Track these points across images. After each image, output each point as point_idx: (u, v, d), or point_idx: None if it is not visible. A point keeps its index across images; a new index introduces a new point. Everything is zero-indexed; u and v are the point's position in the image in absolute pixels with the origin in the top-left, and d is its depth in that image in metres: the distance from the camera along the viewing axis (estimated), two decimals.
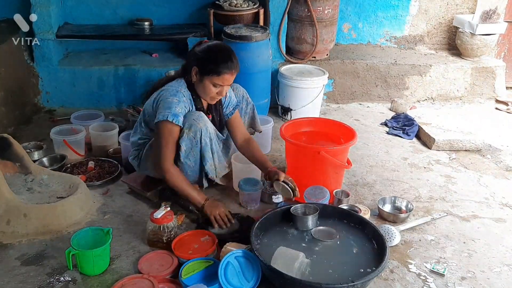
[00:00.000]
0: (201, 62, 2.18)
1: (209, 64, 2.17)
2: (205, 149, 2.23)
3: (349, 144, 2.48)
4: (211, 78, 2.17)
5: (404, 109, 3.70)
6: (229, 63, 2.17)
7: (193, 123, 2.18)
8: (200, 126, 2.18)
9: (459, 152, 3.15)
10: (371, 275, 1.78)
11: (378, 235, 2.02)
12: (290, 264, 1.81)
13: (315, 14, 3.55)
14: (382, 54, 4.03)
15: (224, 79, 2.18)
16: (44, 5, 3.40)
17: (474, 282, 2.01)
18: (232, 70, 2.18)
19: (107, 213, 2.37)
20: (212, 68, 2.16)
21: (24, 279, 1.92)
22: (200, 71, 2.19)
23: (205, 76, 2.19)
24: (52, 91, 3.58)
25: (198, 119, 2.19)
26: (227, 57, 2.17)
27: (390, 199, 2.51)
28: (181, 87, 2.24)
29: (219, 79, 2.17)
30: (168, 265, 1.97)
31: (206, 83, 2.20)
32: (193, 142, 2.20)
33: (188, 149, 2.22)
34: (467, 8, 4.18)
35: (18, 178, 2.42)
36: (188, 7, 3.91)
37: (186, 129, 2.18)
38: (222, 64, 2.15)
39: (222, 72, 2.16)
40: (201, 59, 2.19)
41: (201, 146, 2.22)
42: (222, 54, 2.19)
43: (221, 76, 2.16)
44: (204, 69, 2.18)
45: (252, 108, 2.65)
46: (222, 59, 2.16)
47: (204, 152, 2.23)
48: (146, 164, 2.39)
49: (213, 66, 2.16)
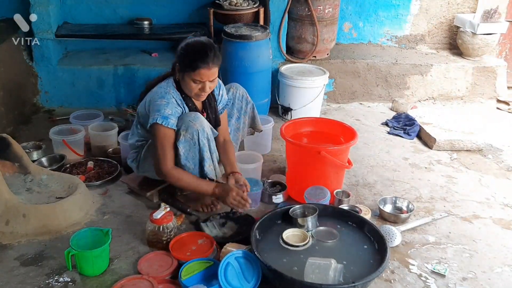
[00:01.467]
0: (180, 58, 2.15)
1: (186, 59, 2.12)
2: (203, 149, 2.21)
3: (350, 144, 2.47)
4: (189, 74, 2.12)
5: (405, 109, 3.69)
6: (204, 58, 2.08)
7: (189, 124, 2.15)
8: (196, 127, 2.15)
9: (460, 152, 3.14)
10: (371, 275, 1.78)
11: (378, 236, 2.01)
12: (324, 275, 1.77)
13: (315, 13, 3.54)
14: (383, 54, 4.01)
15: (201, 74, 2.10)
16: (44, 4, 3.39)
17: (475, 282, 2.00)
18: (209, 64, 2.09)
19: (107, 213, 2.37)
20: (188, 64, 2.11)
21: (23, 280, 1.91)
22: (180, 68, 2.16)
23: (185, 73, 2.15)
24: (51, 90, 3.57)
25: (194, 120, 2.16)
26: (201, 51, 2.10)
27: (391, 199, 2.50)
28: (169, 88, 2.21)
29: (195, 74, 2.11)
30: (168, 265, 1.96)
31: (186, 80, 2.16)
32: (190, 144, 2.18)
33: (187, 151, 2.20)
34: (468, 8, 4.16)
35: (17, 178, 2.41)
36: (188, 6, 3.90)
37: (182, 131, 2.15)
38: (197, 59, 2.09)
39: (197, 66, 2.09)
40: (180, 56, 2.15)
41: (199, 147, 2.20)
42: (197, 48, 2.11)
43: (197, 71, 2.10)
44: (183, 65, 2.14)
45: (252, 107, 2.64)
46: (196, 53, 2.10)
47: (202, 153, 2.21)
48: (145, 166, 2.38)
49: (189, 62, 2.11)
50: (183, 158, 2.20)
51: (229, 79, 3.08)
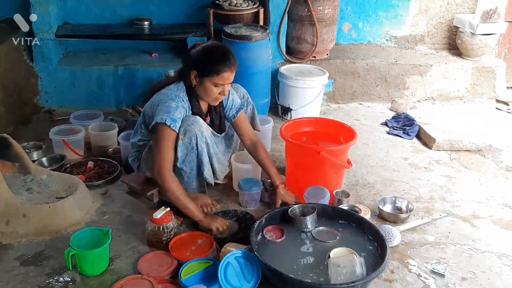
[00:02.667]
0: (199, 64, 2.17)
1: (207, 65, 2.15)
2: (201, 154, 2.21)
3: (349, 144, 2.47)
4: (211, 78, 2.16)
5: (404, 109, 3.69)
6: (227, 61, 2.15)
7: (188, 128, 2.15)
8: (195, 131, 2.15)
9: (460, 152, 3.15)
10: (371, 275, 1.78)
11: (378, 236, 2.01)
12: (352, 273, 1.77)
13: (315, 13, 3.54)
14: (383, 54, 4.02)
15: (224, 77, 2.16)
16: (44, 5, 3.40)
17: (475, 282, 2.00)
18: (231, 68, 2.16)
19: (107, 213, 2.37)
20: (211, 68, 2.14)
21: (23, 280, 1.91)
22: (199, 73, 2.17)
23: (205, 78, 2.17)
24: (52, 91, 3.57)
25: (193, 124, 2.16)
26: (224, 55, 2.16)
27: (391, 199, 2.50)
28: (180, 92, 2.22)
29: (219, 78, 2.15)
30: (168, 265, 1.96)
31: (207, 85, 2.18)
32: (188, 148, 2.18)
33: (184, 155, 2.19)
34: (467, 8, 4.17)
35: (17, 178, 2.41)
36: (187, 6, 3.91)
37: (181, 134, 2.15)
38: (220, 63, 2.14)
39: (221, 70, 2.14)
40: (198, 61, 2.17)
41: (197, 152, 2.20)
42: (219, 53, 2.17)
43: (220, 75, 2.15)
44: (203, 71, 2.16)
45: (252, 108, 2.65)
46: (219, 57, 2.15)
47: (201, 157, 2.21)
48: (146, 165, 2.38)
49: (212, 66, 2.14)
50: (179, 162, 2.21)
51: None
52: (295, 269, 1.86)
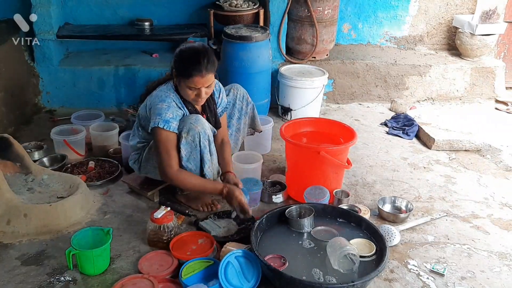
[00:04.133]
0: (176, 65, 2.16)
1: (181, 66, 2.13)
2: (204, 151, 2.21)
3: (349, 144, 2.48)
4: (184, 81, 2.13)
5: (404, 109, 3.70)
6: (197, 65, 2.07)
7: (191, 126, 2.15)
8: (198, 129, 2.16)
9: (459, 152, 3.16)
10: (371, 275, 1.79)
11: (378, 235, 2.02)
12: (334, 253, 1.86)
13: (315, 14, 3.55)
14: (382, 54, 4.03)
15: (194, 81, 2.10)
16: (45, 5, 3.41)
17: (474, 282, 2.01)
18: (202, 72, 2.08)
19: (107, 213, 2.38)
20: (183, 71, 2.12)
21: (24, 279, 1.92)
22: (176, 74, 2.17)
23: (180, 79, 2.16)
24: (53, 91, 3.58)
25: (195, 122, 2.16)
26: (194, 59, 2.09)
27: (390, 199, 2.51)
28: (169, 91, 2.21)
29: (190, 81, 2.11)
30: (168, 265, 1.97)
31: (182, 86, 2.17)
32: (192, 146, 2.19)
33: (188, 153, 2.20)
34: (466, 9, 4.18)
35: (18, 178, 2.42)
36: (188, 7, 3.91)
37: (184, 133, 2.16)
38: (190, 67, 2.09)
39: (191, 74, 2.09)
40: (175, 62, 2.16)
41: (200, 149, 2.20)
42: (191, 56, 2.11)
43: (190, 79, 2.10)
44: (178, 72, 2.15)
45: (252, 108, 2.65)
46: (190, 61, 2.09)
47: (203, 154, 2.22)
48: (147, 167, 2.38)
49: (183, 69, 2.11)
50: (184, 160, 2.21)
51: (229, 80, 3.10)
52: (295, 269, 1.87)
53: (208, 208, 2.39)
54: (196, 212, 2.38)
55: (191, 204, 2.41)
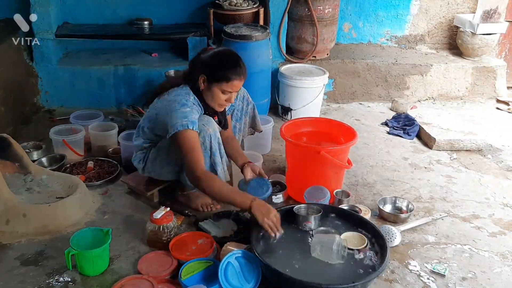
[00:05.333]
0: (209, 69, 2.15)
1: (218, 71, 2.13)
2: (215, 154, 2.20)
3: (350, 144, 2.47)
4: (220, 85, 2.14)
5: (404, 109, 3.69)
6: (238, 69, 2.14)
7: (203, 128, 2.15)
8: (209, 131, 2.16)
9: (460, 152, 3.15)
10: (371, 275, 1.78)
11: (378, 236, 2.01)
12: (328, 249, 1.87)
13: (315, 13, 3.54)
14: (383, 54, 4.02)
15: (233, 85, 2.15)
16: (44, 5, 3.40)
17: (475, 282, 2.00)
18: (241, 76, 2.15)
19: (107, 213, 2.37)
20: (221, 75, 2.12)
21: (23, 279, 1.91)
22: (208, 78, 2.16)
23: (213, 83, 2.15)
24: (52, 90, 3.57)
25: (207, 124, 2.16)
26: (235, 63, 2.14)
27: (391, 199, 2.50)
28: (189, 96, 2.19)
29: (228, 85, 2.14)
30: (168, 265, 1.96)
31: (215, 91, 2.16)
32: (202, 148, 2.17)
33: None
34: (467, 8, 4.17)
35: (17, 178, 2.41)
36: (188, 6, 3.90)
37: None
38: (231, 70, 2.12)
39: (231, 78, 2.12)
40: (209, 66, 2.15)
41: (211, 152, 2.19)
42: (230, 60, 2.15)
43: (230, 83, 2.13)
44: (213, 77, 2.14)
45: (253, 108, 2.64)
46: (231, 65, 2.13)
47: (214, 157, 2.20)
48: (153, 166, 2.36)
49: (222, 73, 2.12)
50: None
51: None
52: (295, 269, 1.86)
53: (208, 208, 2.38)
54: (196, 213, 2.37)
55: (191, 204, 2.40)
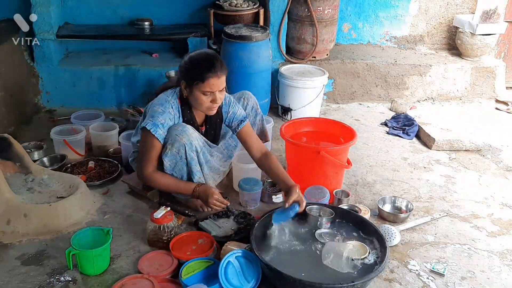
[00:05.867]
0: (186, 73, 2.14)
1: (192, 73, 2.11)
2: (191, 163, 2.20)
3: (349, 144, 2.48)
4: (198, 86, 2.11)
5: (404, 109, 3.70)
6: (211, 67, 2.07)
7: (176, 138, 2.13)
8: (183, 141, 2.13)
9: (459, 152, 3.15)
10: (371, 274, 1.79)
11: (378, 235, 2.02)
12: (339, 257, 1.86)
13: (315, 14, 3.55)
14: (382, 54, 4.03)
15: (210, 84, 2.09)
16: (44, 5, 3.41)
17: (474, 282, 2.01)
18: (217, 73, 2.08)
19: (107, 213, 2.38)
20: (196, 76, 2.09)
21: (24, 279, 1.92)
22: (187, 83, 2.14)
23: (192, 87, 2.13)
24: (52, 91, 3.58)
25: (181, 134, 2.13)
26: (208, 61, 2.09)
27: (390, 199, 2.51)
28: (171, 97, 2.21)
29: (205, 85, 2.09)
30: (168, 265, 1.97)
31: (196, 94, 2.14)
32: (177, 158, 2.17)
33: (173, 164, 2.19)
34: (467, 8, 4.18)
35: (18, 178, 2.41)
36: (188, 7, 3.91)
37: (169, 145, 2.14)
38: (204, 70, 2.08)
39: (206, 77, 2.08)
40: (185, 70, 2.15)
41: (187, 161, 2.19)
42: (202, 60, 2.11)
43: (206, 82, 2.09)
44: (190, 80, 2.12)
45: (261, 119, 2.63)
46: (204, 64, 2.09)
47: (191, 166, 2.21)
48: None
49: (196, 74, 2.09)
50: (168, 170, 2.22)
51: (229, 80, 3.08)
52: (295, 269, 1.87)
53: (207, 208, 2.39)
54: (196, 212, 2.38)
55: (191, 204, 2.41)
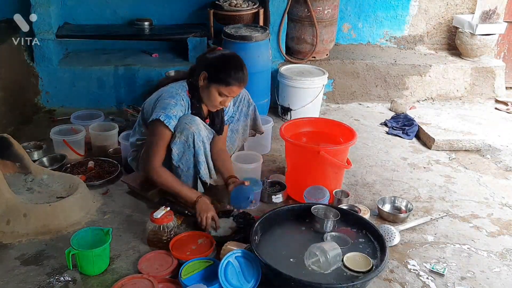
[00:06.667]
0: (212, 69, 2.16)
1: (220, 72, 2.15)
2: (198, 152, 2.22)
3: (349, 144, 2.48)
4: (218, 86, 2.15)
5: (403, 109, 3.70)
6: (240, 75, 2.15)
7: (185, 127, 2.16)
8: (192, 129, 2.16)
9: (459, 152, 3.16)
10: (371, 275, 1.79)
11: (377, 235, 2.02)
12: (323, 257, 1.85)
13: (315, 14, 3.55)
14: (382, 54, 4.03)
15: (231, 90, 2.16)
16: (44, 5, 3.40)
17: (474, 282, 2.01)
18: (241, 83, 2.17)
19: (107, 213, 2.38)
20: (222, 77, 2.14)
21: (24, 279, 1.92)
22: (209, 77, 2.17)
23: (212, 84, 2.17)
24: (52, 91, 3.58)
25: (190, 123, 2.17)
26: (238, 69, 2.15)
27: (390, 199, 2.51)
28: (181, 90, 2.23)
29: (226, 89, 2.15)
30: (168, 265, 1.97)
31: (212, 91, 2.18)
32: (185, 146, 2.19)
33: (181, 153, 2.21)
34: (466, 8, 4.18)
35: (18, 178, 2.41)
36: (188, 7, 3.91)
37: (178, 133, 2.17)
38: (232, 75, 2.13)
39: (231, 83, 2.14)
40: (212, 66, 2.17)
41: (194, 150, 2.21)
42: (234, 65, 2.16)
43: (229, 87, 2.15)
44: (214, 77, 2.16)
45: (254, 109, 2.65)
46: (234, 70, 2.14)
47: (197, 156, 2.22)
48: None
49: (223, 76, 2.14)
50: (176, 160, 2.22)
51: None
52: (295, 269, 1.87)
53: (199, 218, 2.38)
54: None
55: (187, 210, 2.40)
